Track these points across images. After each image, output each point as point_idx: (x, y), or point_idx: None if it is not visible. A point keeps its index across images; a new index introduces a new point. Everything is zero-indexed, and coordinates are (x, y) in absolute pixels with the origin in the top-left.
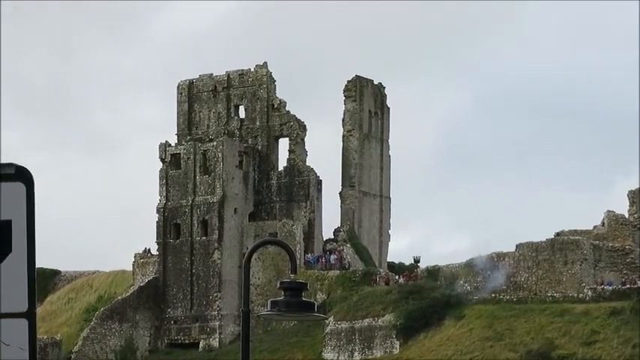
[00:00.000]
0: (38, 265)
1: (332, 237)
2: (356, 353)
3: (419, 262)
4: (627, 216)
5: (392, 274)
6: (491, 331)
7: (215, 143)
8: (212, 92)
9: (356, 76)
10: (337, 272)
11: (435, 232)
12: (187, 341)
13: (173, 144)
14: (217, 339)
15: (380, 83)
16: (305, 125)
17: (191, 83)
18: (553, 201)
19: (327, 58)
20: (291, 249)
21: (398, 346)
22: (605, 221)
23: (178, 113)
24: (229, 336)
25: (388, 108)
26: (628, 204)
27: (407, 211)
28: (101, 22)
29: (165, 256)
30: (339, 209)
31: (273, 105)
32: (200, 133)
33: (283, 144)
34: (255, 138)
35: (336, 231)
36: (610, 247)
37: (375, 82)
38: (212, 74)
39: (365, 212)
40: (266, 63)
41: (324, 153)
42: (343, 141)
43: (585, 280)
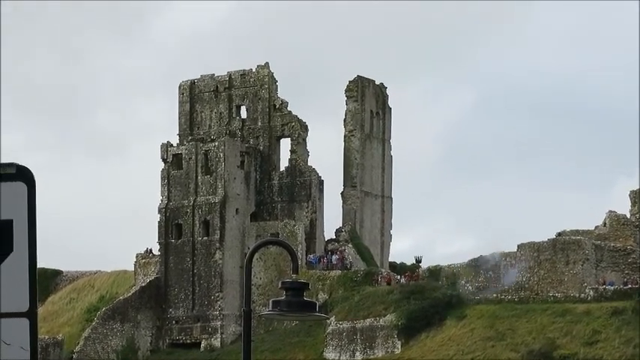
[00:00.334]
0: (40, 265)
1: (334, 237)
2: (357, 353)
3: (420, 262)
4: (629, 216)
5: (393, 274)
6: (492, 331)
7: (217, 143)
8: (214, 92)
9: (357, 77)
10: (339, 272)
11: (438, 233)
12: (189, 341)
13: (175, 144)
14: (219, 339)
15: (381, 83)
16: (307, 125)
17: (193, 83)
18: (554, 201)
19: (329, 59)
20: (292, 249)
21: (399, 346)
22: (606, 221)
23: (180, 113)
24: (231, 336)
25: (390, 108)
26: (629, 204)
27: (410, 212)
28: (103, 23)
29: (166, 256)
30: (341, 209)
31: (274, 105)
32: (202, 134)
33: (285, 144)
34: (256, 138)
35: (338, 231)
36: (612, 247)
37: (377, 83)
38: (214, 74)
39: (367, 212)
40: (268, 63)
41: (326, 153)
42: (345, 141)
43: (587, 280)
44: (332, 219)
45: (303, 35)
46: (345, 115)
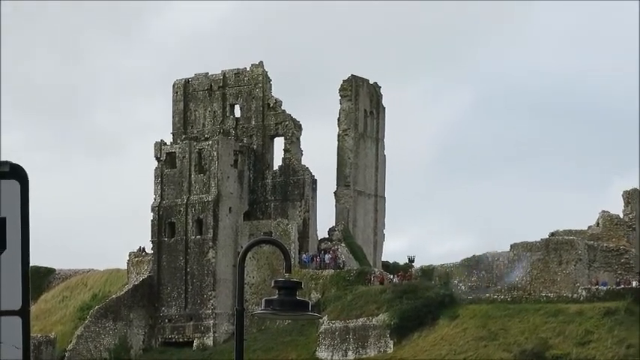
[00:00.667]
0: (33, 263)
1: (327, 236)
2: (350, 352)
3: (413, 262)
4: (622, 216)
5: (386, 274)
6: (485, 331)
7: (210, 142)
8: (208, 91)
9: (351, 76)
10: (332, 271)
11: (432, 233)
12: (181, 340)
13: (169, 143)
14: (211, 338)
15: (375, 83)
16: (300, 124)
17: (187, 82)
18: (549, 201)
19: (323, 58)
20: (285, 248)
21: (392, 346)
22: (599, 221)
23: (174, 112)
24: (223, 335)
25: (384, 108)
26: (623, 204)
27: (405, 211)
28: (103, 23)
29: (159, 255)
30: (334, 208)
31: (268, 104)
32: (195, 132)
33: (278, 143)
34: (250, 137)
35: (331, 230)
36: (604, 248)
37: (371, 82)
38: (208, 73)
39: (360, 212)
40: (262, 62)
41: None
42: (338, 140)
43: (580, 280)
44: (325, 218)
45: (297, 34)
46: (339, 115)
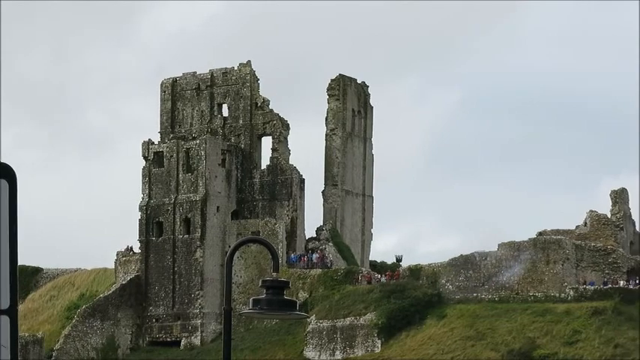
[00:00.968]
0: (20, 263)
1: (314, 236)
2: (337, 352)
3: (401, 261)
4: (610, 216)
5: (374, 273)
6: (472, 331)
7: (198, 141)
8: (195, 90)
9: (339, 75)
10: (319, 271)
11: (422, 232)
12: (169, 339)
13: (156, 142)
14: (199, 337)
15: (363, 82)
16: (288, 124)
17: (174, 81)
18: (537, 201)
19: (311, 57)
20: (273, 247)
21: (379, 345)
22: (587, 221)
23: (162, 111)
24: (211, 334)
25: (372, 107)
26: (611, 204)
27: (393, 211)
28: (92, 22)
29: (147, 254)
30: (322, 208)
31: (256, 103)
32: (183, 132)
33: (266, 142)
34: (238, 136)
35: (319, 230)
36: (592, 247)
37: (359, 81)
38: (195, 72)
39: (347, 211)
40: (250, 61)
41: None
42: (326, 140)
43: (567, 280)
44: (313, 217)
45: (285, 34)
46: (327, 114)
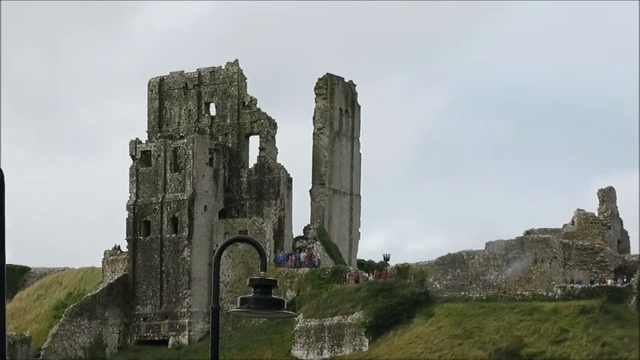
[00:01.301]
0: (8, 262)
1: (302, 235)
2: (325, 351)
3: (388, 260)
4: (597, 215)
5: (361, 272)
6: (460, 330)
7: (185, 140)
8: (183, 89)
9: (327, 74)
10: (307, 270)
11: (410, 231)
12: (156, 338)
13: (144, 141)
14: (186, 336)
15: (351, 81)
16: (276, 123)
17: (162, 80)
18: (525, 200)
19: (299, 56)
20: (261, 246)
21: (367, 344)
22: (574, 220)
23: (149, 110)
24: (198, 333)
25: (359, 106)
26: (598, 203)
27: (381, 210)
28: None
29: (134, 253)
30: (310, 207)
31: (243, 102)
32: (170, 131)
33: (254, 141)
34: (225, 135)
35: (306, 229)
36: (580, 246)
37: (346, 80)
38: (183, 71)
39: (335, 210)
40: (237, 60)
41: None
42: (314, 139)
43: (555, 279)
44: (300, 216)
45: (272, 33)
46: (314, 113)
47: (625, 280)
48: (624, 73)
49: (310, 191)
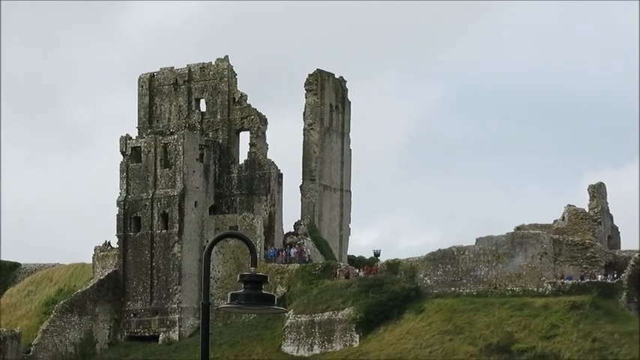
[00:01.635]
0: None
1: (292, 230)
2: (315, 346)
3: (379, 256)
4: (587, 210)
5: (352, 268)
6: (450, 325)
7: (176, 136)
8: (173, 85)
9: (317, 70)
10: (297, 266)
11: (401, 227)
12: (147, 334)
13: (134, 137)
14: (177, 332)
15: (341, 77)
16: (266, 119)
17: (152, 76)
18: (515, 195)
19: (289, 52)
20: (251, 242)
21: (358, 340)
22: (565, 215)
23: (139, 106)
24: (189, 329)
25: (349, 102)
26: (588, 198)
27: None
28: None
29: (125, 249)
30: (300, 203)
31: (234, 98)
32: (161, 127)
33: (244, 137)
34: (216, 131)
35: (297, 224)
36: (570, 242)
37: (336, 76)
38: (173, 67)
39: (325, 206)
40: (227, 56)
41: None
42: (304, 135)
43: (545, 274)
44: (291, 212)
45: (263, 29)
46: (305, 109)
47: (615, 276)
48: (618, 71)
49: (301, 187)
